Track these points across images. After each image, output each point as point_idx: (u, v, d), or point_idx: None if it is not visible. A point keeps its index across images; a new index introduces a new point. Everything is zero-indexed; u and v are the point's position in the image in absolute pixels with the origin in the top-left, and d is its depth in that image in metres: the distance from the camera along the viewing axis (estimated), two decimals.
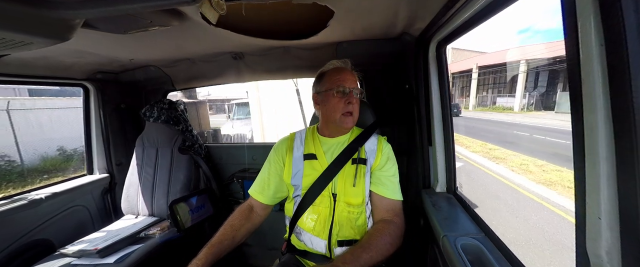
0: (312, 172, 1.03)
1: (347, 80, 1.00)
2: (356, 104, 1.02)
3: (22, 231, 1.44)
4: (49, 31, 0.72)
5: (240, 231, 1.03)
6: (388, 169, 1.03)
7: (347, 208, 0.98)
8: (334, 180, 1.00)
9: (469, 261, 0.74)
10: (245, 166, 1.92)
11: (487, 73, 22.95)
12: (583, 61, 0.43)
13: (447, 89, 1.17)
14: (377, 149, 1.05)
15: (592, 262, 0.46)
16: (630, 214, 0.39)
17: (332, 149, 1.06)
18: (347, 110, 0.99)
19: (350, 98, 0.99)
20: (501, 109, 20.05)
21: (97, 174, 1.94)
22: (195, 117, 4.05)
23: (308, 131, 1.14)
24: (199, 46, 1.35)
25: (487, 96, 23.52)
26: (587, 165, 0.45)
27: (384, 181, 1.01)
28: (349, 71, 1.03)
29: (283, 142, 1.15)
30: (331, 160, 1.03)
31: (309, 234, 1.01)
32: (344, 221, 0.98)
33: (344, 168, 1.01)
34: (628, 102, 0.37)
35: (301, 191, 1.03)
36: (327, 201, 1.00)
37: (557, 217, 3.56)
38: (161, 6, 0.68)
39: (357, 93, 1.02)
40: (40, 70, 1.46)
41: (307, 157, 1.06)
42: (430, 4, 0.88)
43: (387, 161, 1.04)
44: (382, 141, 1.08)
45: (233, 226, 1.03)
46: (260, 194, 1.10)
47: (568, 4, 0.44)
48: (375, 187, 1.01)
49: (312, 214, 1.01)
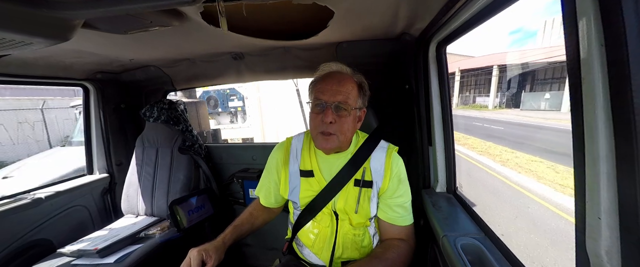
0: (309, 190, 0.93)
1: (326, 92, 0.82)
2: (337, 123, 0.82)
3: (22, 231, 1.44)
4: (49, 31, 0.72)
5: (258, 219, 1.05)
6: (401, 194, 0.90)
7: (352, 230, 0.91)
8: (335, 199, 0.91)
9: (469, 261, 0.74)
10: (245, 165, 1.91)
11: (470, 76, 25.72)
12: (583, 61, 0.43)
13: (447, 89, 1.17)
14: (385, 168, 0.90)
15: (591, 262, 0.46)
16: (630, 213, 0.39)
17: (332, 166, 0.93)
18: (322, 130, 0.83)
19: (326, 115, 0.81)
20: (479, 107, 22.87)
21: (97, 174, 1.94)
22: (195, 117, 4.05)
23: (306, 139, 1.01)
24: (199, 46, 1.35)
25: (469, 96, 27.29)
26: (587, 165, 0.45)
27: (396, 209, 0.90)
28: (335, 79, 0.84)
29: (278, 151, 1.04)
30: (330, 178, 0.91)
31: (308, 249, 0.98)
32: (349, 243, 0.92)
33: (347, 188, 0.90)
34: (628, 102, 0.37)
35: (299, 207, 0.97)
36: (327, 219, 0.93)
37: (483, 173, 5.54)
38: (161, 6, 0.68)
39: (341, 107, 0.81)
40: (40, 70, 1.46)
41: (304, 174, 0.95)
42: (430, 4, 0.88)
43: (399, 184, 0.90)
44: (392, 155, 0.92)
45: (252, 214, 1.05)
46: (265, 199, 1.08)
47: (568, 4, 0.44)
48: (385, 216, 0.91)
49: (313, 228, 0.96)
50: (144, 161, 1.78)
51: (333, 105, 0.82)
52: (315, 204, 0.92)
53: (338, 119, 0.82)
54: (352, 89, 0.85)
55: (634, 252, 0.40)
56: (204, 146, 1.93)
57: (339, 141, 0.85)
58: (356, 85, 0.88)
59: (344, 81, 0.85)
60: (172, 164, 1.73)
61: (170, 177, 1.71)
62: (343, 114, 0.83)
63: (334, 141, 0.84)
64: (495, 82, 19.91)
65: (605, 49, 0.39)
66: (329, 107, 0.82)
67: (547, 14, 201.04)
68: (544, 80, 17.45)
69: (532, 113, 10.77)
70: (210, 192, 1.81)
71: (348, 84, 0.85)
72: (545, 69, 17.15)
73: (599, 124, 0.41)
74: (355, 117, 0.88)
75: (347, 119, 0.84)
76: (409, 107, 1.37)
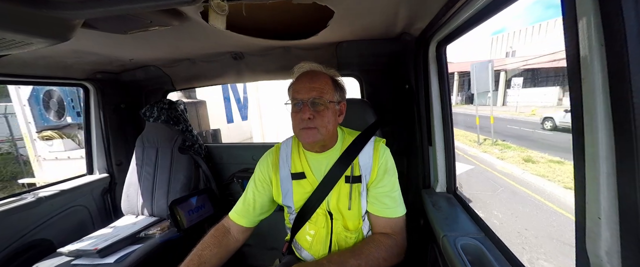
0: (302, 192, 0.94)
1: (301, 90, 0.86)
2: (316, 117, 0.85)
3: (22, 231, 1.44)
4: (49, 31, 0.72)
5: (211, 261, 0.89)
6: (384, 184, 0.91)
7: (344, 232, 0.92)
8: (328, 198, 0.92)
9: (469, 261, 0.74)
10: (245, 166, 1.91)
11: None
12: (583, 61, 0.43)
13: (447, 89, 1.17)
14: (373, 162, 0.92)
15: (591, 262, 0.46)
16: (630, 214, 0.39)
17: (321, 165, 0.94)
18: (302, 127, 0.86)
19: (304, 111, 0.84)
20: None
21: (97, 174, 1.94)
22: (195, 117, 4.02)
23: (294, 143, 1.02)
24: (199, 46, 1.35)
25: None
26: (587, 165, 0.45)
27: (382, 199, 0.91)
28: (308, 77, 0.88)
29: (267, 157, 1.03)
30: (321, 177, 0.92)
31: (306, 251, 0.98)
32: (342, 243, 0.94)
33: (339, 186, 0.91)
34: (628, 102, 0.37)
35: (294, 210, 0.97)
36: (322, 219, 0.93)
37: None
38: (161, 6, 0.68)
39: (317, 102, 0.85)
40: (40, 70, 1.46)
41: (295, 177, 0.95)
42: (430, 4, 0.88)
43: (385, 174, 0.92)
44: (379, 147, 0.95)
45: (202, 257, 0.88)
46: (243, 218, 1.00)
47: (568, 4, 0.44)
48: (372, 208, 0.92)
49: (310, 230, 0.96)
50: (144, 161, 1.78)
51: (309, 101, 0.85)
52: (309, 205, 0.93)
53: (316, 114, 0.85)
54: (326, 84, 0.88)
55: (634, 252, 0.40)
56: (204, 145, 1.93)
57: (321, 134, 0.87)
58: (330, 80, 0.90)
59: (316, 78, 0.88)
60: (172, 164, 1.73)
61: (170, 177, 1.71)
62: (320, 108, 0.86)
63: (316, 135, 0.86)
64: (456, 85, 25.86)
65: (605, 49, 0.39)
66: (305, 104, 0.85)
67: (527, 14, 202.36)
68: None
69: (481, 108, 13.06)
70: (210, 192, 1.81)
71: (321, 79, 0.88)
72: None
73: (599, 124, 0.41)
74: (334, 111, 0.90)
75: (325, 113, 0.86)
76: (409, 107, 1.37)
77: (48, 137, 4.17)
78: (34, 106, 4.09)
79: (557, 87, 18.66)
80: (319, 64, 0.93)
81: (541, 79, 22.24)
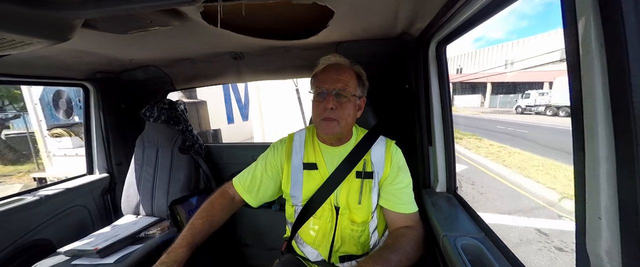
0: (312, 183, 0.95)
1: (327, 81, 0.88)
2: (338, 109, 0.86)
3: (22, 231, 1.44)
4: (49, 31, 0.72)
5: (217, 217, 0.96)
6: (401, 180, 0.94)
7: (350, 225, 0.93)
8: (336, 192, 0.93)
9: (469, 261, 0.74)
10: (245, 166, 1.91)
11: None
12: (583, 61, 0.43)
13: (447, 89, 1.17)
14: (385, 159, 0.94)
15: (592, 262, 0.46)
16: (630, 213, 0.39)
17: (334, 158, 0.96)
18: (324, 117, 0.87)
19: (327, 101, 0.86)
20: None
21: (97, 174, 1.94)
22: (196, 117, 4.02)
23: (308, 133, 1.04)
24: (199, 46, 1.35)
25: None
26: (587, 165, 0.44)
27: (398, 195, 0.92)
28: (335, 69, 0.90)
29: (281, 144, 1.05)
30: (333, 169, 0.94)
31: (309, 246, 0.99)
32: (347, 237, 0.94)
33: (348, 180, 0.93)
34: (628, 102, 0.37)
35: (301, 202, 0.97)
36: (328, 214, 0.94)
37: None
38: (161, 6, 0.68)
39: (341, 94, 0.87)
40: (40, 70, 1.46)
41: (307, 167, 0.97)
42: (430, 4, 0.88)
43: (399, 171, 0.94)
44: (391, 146, 0.98)
45: (213, 224, 0.94)
46: (247, 194, 1.02)
47: (568, 4, 0.44)
48: (387, 203, 0.93)
49: (314, 225, 0.97)
50: (144, 161, 1.78)
51: (334, 92, 0.87)
52: (316, 198, 0.94)
53: (339, 105, 0.87)
54: (351, 78, 0.90)
55: (635, 252, 0.40)
56: (204, 145, 1.93)
57: (340, 127, 0.89)
58: (355, 75, 0.93)
59: (342, 70, 0.90)
60: (172, 164, 1.73)
61: (170, 177, 1.71)
62: (343, 100, 0.88)
63: (336, 127, 0.88)
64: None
65: (605, 49, 0.39)
66: (330, 94, 0.86)
67: (513, 18, 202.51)
68: (462, 90, 35.67)
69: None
70: (211, 192, 1.81)
71: (346, 73, 0.90)
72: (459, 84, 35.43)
73: (599, 124, 0.41)
74: (355, 105, 0.92)
75: (347, 105, 0.88)
76: (409, 107, 1.37)
77: (57, 135, 4.33)
78: (44, 105, 4.26)
79: (479, 94, 32.38)
80: (346, 59, 0.95)
81: (473, 90, 35.09)
